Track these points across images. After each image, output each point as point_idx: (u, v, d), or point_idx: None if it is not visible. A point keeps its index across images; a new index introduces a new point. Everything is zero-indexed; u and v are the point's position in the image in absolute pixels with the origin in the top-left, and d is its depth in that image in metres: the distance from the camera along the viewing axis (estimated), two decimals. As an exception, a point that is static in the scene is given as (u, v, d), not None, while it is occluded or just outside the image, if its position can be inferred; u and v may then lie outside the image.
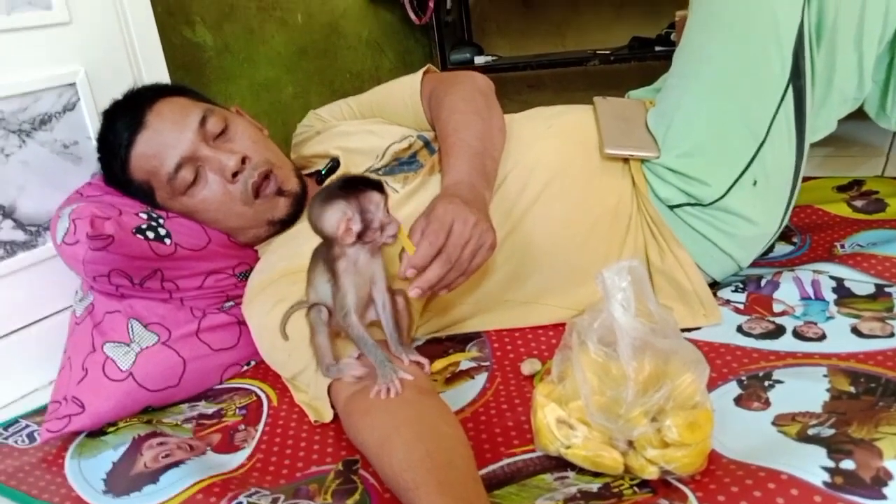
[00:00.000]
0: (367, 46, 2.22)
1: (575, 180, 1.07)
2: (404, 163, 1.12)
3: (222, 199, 1.08)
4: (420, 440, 0.75)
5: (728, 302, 1.07)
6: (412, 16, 2.25)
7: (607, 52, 2.09)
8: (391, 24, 2.29)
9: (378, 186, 0.83)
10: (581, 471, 0.79)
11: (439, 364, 1.04)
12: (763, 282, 1.09)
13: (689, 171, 1.04)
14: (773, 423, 0.81)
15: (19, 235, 1.14)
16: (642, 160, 1.08)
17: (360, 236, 0.82)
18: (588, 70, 2.23)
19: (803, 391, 0.85)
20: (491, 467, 0.82)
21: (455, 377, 1.01)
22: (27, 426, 1.04)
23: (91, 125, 1.18)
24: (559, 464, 0.80)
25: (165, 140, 1.05)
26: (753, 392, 0.87)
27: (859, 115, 1.18)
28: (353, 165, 1.16)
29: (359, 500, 0.80)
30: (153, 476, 0.87)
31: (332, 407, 0.91)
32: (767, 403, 0.85)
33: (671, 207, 1.06)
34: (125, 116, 1.07)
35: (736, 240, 1.06)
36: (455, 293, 1.06)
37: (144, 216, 1.04)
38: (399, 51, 2.34)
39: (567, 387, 0.81)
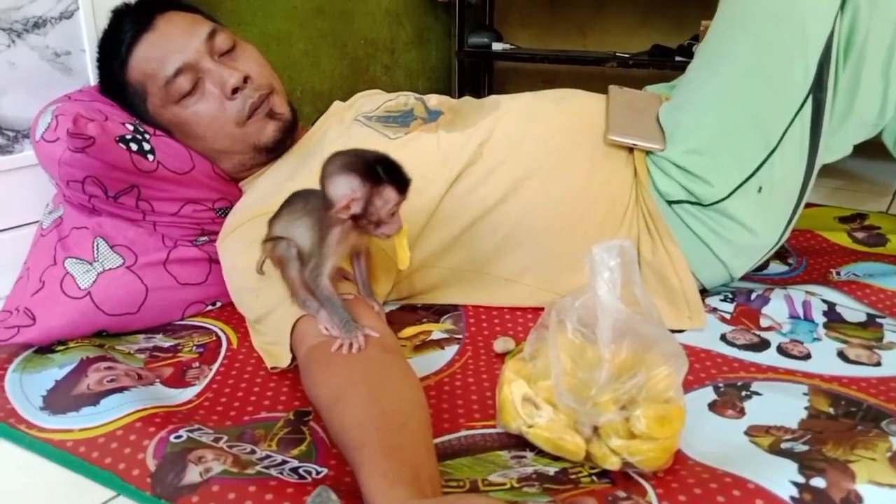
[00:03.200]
0: (385, 15, 2.18)
1: (577, 162, 1.04)
2: (398, 116, 1.09)
3: (215, 115, 1.05)
4: (375, 398, 0.71)
5: (715, 310, 1.04)
6: (435, -9, 2.21)
7: (627, 55, 2.06)
8: (413, -4, 2.25)
9: (402, 185, 0.78)
10: (540, 453, 0.75)
11: (410, 330, 1.00)
12: (753, 295, 1.06)
13: (693, 168, 1.01)
14: (746, 433, 0.78)
15: (-4, 138, 1.09)
16: (647, 151, 1.05)
17: (355, 218, 0.78)
18: (605, 71, 2.20)
19: (781, 405, 0.83)
20: (447, 437, 0.78)
21: (424, 345, 0.97)
22: (-27, 334, 0.99)
23: (87, 37, 1.14)
24: (518, 443, 0.77)
25: (171, 44, 1.03)
26: (729, 399, 0.84)
27: (872, 152, 1.15)
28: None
29: (304, 451, 0.76)
30: (94, 398, 0.83)
31: (292, 355, 0.87)
32: (742, 413, 0.82)
33: (670, 203, 1.02)
34: (134, 16, 1.06)
35: (731, 246, 1.03)
36: (434, 256, 1.03)
37: (131, 127, 1.00)
38: (418, 25, 2.30)
39: (538, 365, 0.78)
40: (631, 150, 1.06)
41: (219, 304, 1.09)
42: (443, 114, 1.10)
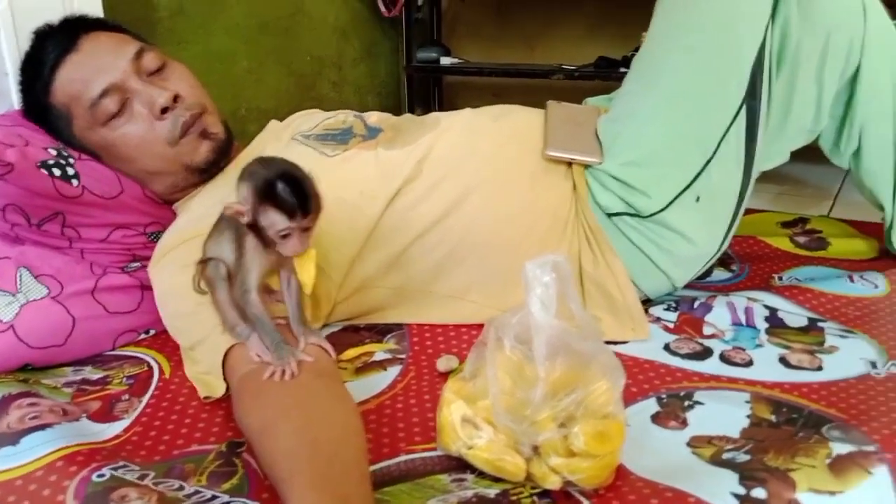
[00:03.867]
0: (332, 31, 2.16)
1: (518, 178, 1.03)
2: (337, 134, 1.07)
3: (144, 136, 1.01)
4: (307, 428, 0.69)
5: (658, 319, 1.04)
6: (381, 7, 2.20)
7: (573, 67, 2.07)
8: (359, 12, 2.23)
9: (289, 210, 0.72)
10: (481, 475, 0.73)
11: (352, 352, 0.98)
12: (696, 303, 1.06)
13: (631, 180, 1.00)
14: (688, 444, 0.77)
15: (-90, 166, 1.04)
16: (585, 165, 1.04)
17: (254, 229, 0.75)
18: (553, 84, 2.21)
19: (723, 415, 0.82)
20: (385, 462, 0.76)
21: (366, 367, 0.95)
22: None
23: (10, 60, 1.09)
24: (459, 465, 0.75)
25: (96, 65, 1.00)
26: (672, 411, 0.83)
27: (812, 157, 1.17)
28: None
29: (236, 484, 0.73)
30: (14, 438, 0.79)
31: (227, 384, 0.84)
32: (685, 423, 0.81)
33: (610, 216, 1.02)
34: (57, 37, 1.02)
35: (672, 257, 1.03)
36: (376, 275, 1.01)
37: (53, 152, 0.97)
38: (365, 41, 2.28)
39: (478, 384, 0.76)
40: (570, 164, 1.06)
41: (152, 333, 1.05)
42: (382, 131, 1.09)
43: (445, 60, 2.26)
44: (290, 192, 0.72)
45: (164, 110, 1.01)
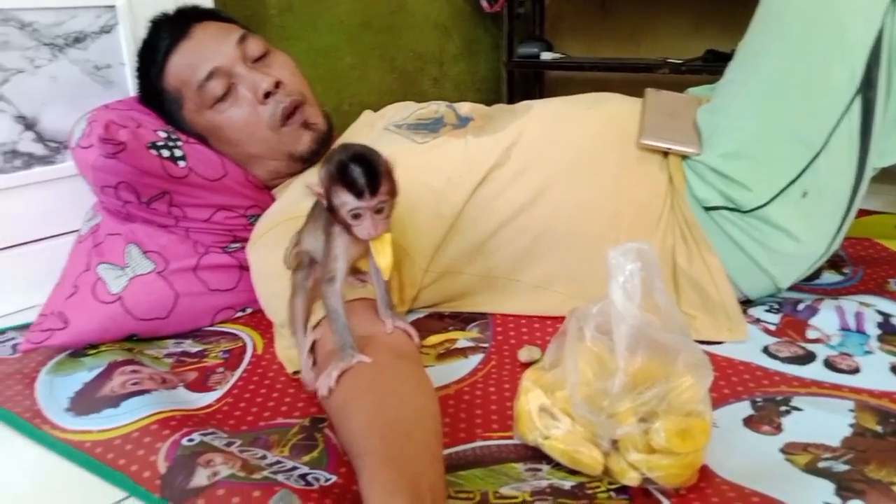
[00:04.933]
0: (434, 28, 2.18)
1: (604, 167, 1.00)
2: (429, 123, 1.08)
3: (248, 119, 1.06)
4: (382, 407, 0.69)
5: (758, 321, 0.99)
6: (483, 3, 2.20)
7: (679, 61, 2.00)
8: (461, 8, 2.24)
9: (357, 190, 0.71)
10: (557, 466, 0.72)
11: (435, 339, 0.99)
12: (801, 306, 1.00)
13: (731, 172, 0.96)
14: (782, 450, 0.73)
15: (39, 149, 1.13)
16: (683, 156, 1.00)
17: (332, 212, 0.74)
18: (659, 78, 2.13)
19: (823, 422, 0.77)
20: (461, 447, 0.76)
21: (448, 354, 0.95)
22: (13, 338, 1.03)
23: (126, 50, 1.17)
24: (535, 455, 0.74)
25: (204, 51, 1.06)
26: (766, 415, 0.79)
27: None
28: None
29: (315, 457, 0.75)
30: (116, 401, 0.84)
31: None
32: (779, 429, 0.76)
33: (707, 210, 0.98)
34: (171, 25, 1.09)
35: (774, 255, 0.97)
36: (461, 261, 1.01)
37: (163, 134, 1.03)
38: (466, 37, 2.29)
39: (556, 375, 0.75)
40: (665, 154, 1.02)
41: (248, 311, 1.10)
42: (473, 120, 1.09)
43: (546, 55, 2.23)
44: (360, 171, 0.71)
45: (267, 95, 1.05)
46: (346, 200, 0.72)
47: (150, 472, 0.71)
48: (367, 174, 0.71)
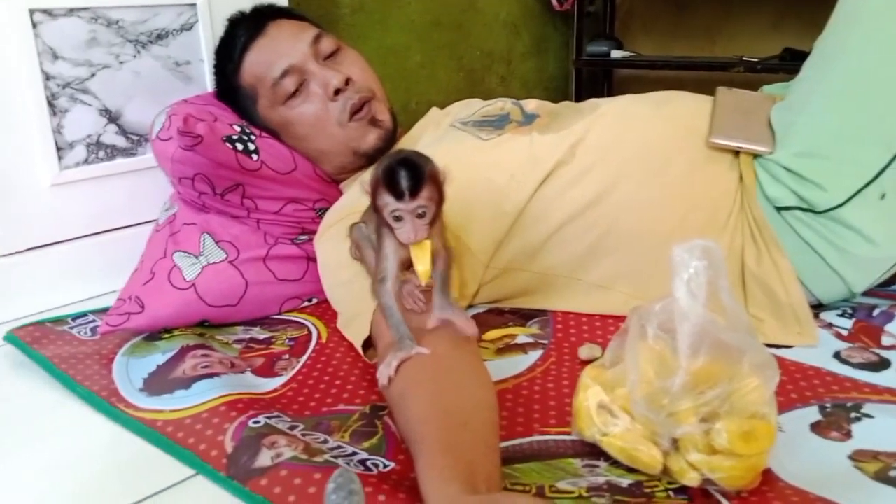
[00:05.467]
0: (503, 26, 2.18)
1: (673, 166, 0.99)
2: (494, 120, 1.08)
3: (318, 115, 1.09)
4: (441, 395, 0.70)
5: (830, 325, 0.96)
6: (553, 1, 2.19)
7: (755, 60, 1.94)
8: (530, 7, 2.24)
9: (398, 192, 0.71)
10: (615, 463, 0.71)
11: (494, 334, 0.99)
12: (876, 311, 0.97)
13: (805, 171, 0.93)
14: (850, 458, 0.71)
15: (121, 141, 1.19)
16: (754, 155, 0.98)
17: (378, 213, 0.75)
18: (734, 77, 2.08)
19: (895, 430, 0.74)
20: (518, 440, 0.76)
21: (507, 349, 0.95)
22: (93, 320, 1.08)
23: (205, 47, 1.22)
24: (592, 451, 0.73)
25: (279, 48, 1.09)
26: (835, 421, 0.76)
27: None
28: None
29: (375, 444, 0.76)
30: (187, 382, 0.87)
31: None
32: (848, 435, 0.74)
33: (779, 210, 0.95)
34: (247, 23, 1.13)
35: (848, 258, 0.94)
36: (523, 258, 1.01)
37: (238, 129, 1.06)
38: (535, 36, 2.28)
39: (616, 372, 0.74)
40: (737, 153, 1.00)
41: (314, 301, 1.13)
42: (539, 117, 1.09)
43: (616, 54, 2.20)
44: (403, 174, 0.71)
45: (337, 91, 1.07)
46: (387, 202, 0.73)
47: (218, 451, 0.74)
48: (409, 177, 0.72)
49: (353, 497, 0.46)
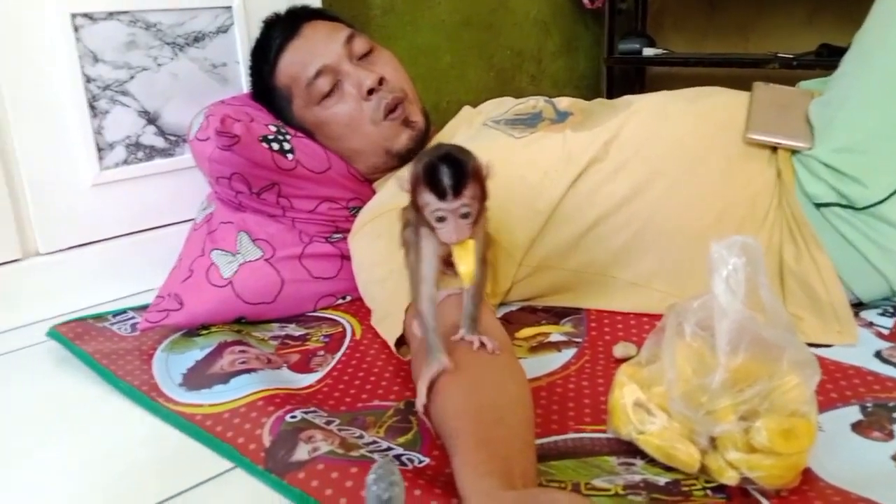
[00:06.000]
0: (533, 25, 2.17)
1: (710, 163, 0.98)
2: (527, 119, 1.08)
3: (352, 115, 1.11)
4: (476, 391, 0.70)
5: (871, 324, 0.94)
6: (584, -1, 2.18)
7: (790, 56, 1.91)
8: (561, 5, 2.23)
9: (440, 191, 0.67)
10: (651, 461, 0.71)
11: (527, 332, 0.99)
12: (919, 310, 0.95)
13: (845, 167, 0.91)
14: (893, 458, 0.69)
15: (159, 142, 1.21)
16: (792, 151, 0.96)
17: (418, 213, 0.71)
18: (769, 74, 2.05)
19: (940, 431, 0.72)
20: (553, 438, 0.76)
21: (541, 347, 0.95)
22: (133, 317, 1.10)
23: (241, 50, 1.24)
24: (629, 450, 0.73)
25: (313, 49, 1.10)
26: (877, 421, 0.75)
27: None
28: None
29: (410, 440, 0.77)
30: (225, 378, 0.89)
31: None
32: (891, 436, 0.73)
33: (818, 206, 0.94)
34: (282, 25, 1.15)
35: (890, 255, 0.92)
36: (556, 256, 1.01)
37: (273, 129, 1.08)
38: (566, 34, 2.28)
39: (653, 370, 0.74)
40: (774, 149, 0.98)
41: (349, 299, 1.14)
42: (572, 115, 1.09)
43: (648, 51, 2.19)
44: (445, 172, 0.67)
45: (371, 91, 1.08)
46: (428, 201, 0.68)
47: (256, 444, 0.75)
48: (452, 175, 0.67)
49: (393, 488, 0.46)
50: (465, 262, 0.71)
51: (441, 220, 0.69)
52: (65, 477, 0.76)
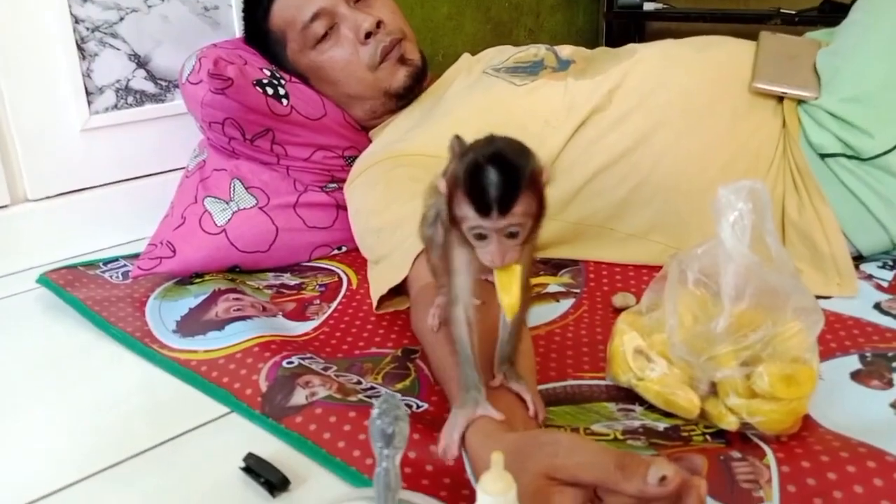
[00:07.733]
0: (532, -23, 2.13)
1: (715, 113, 0.96)
2: (528, 66, 1.06)
3: (349, 59, 1.08)
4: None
5: (870, 277, 0.94)
6: (585, -50, 2.13)
7: (792, 12, 1.88)
8: (561, -44, 2.18)
9: (482, 206, 0.51)
10: (650, 408, 0.71)
11: (527, 281, 0.98)
12: (919, 263, 0.94)
13: (851, 117, 0.90)
14: (892, 406, 0.69)
15: (150, 87, 1.18)
16: (798, 100, 0.95)
17: (453, 219, 0.55)
18: (770, 30, 2.02)
19: (939, 380, 0.72)
20: (551, 384, 0.75)
21: (538, 297, 0.94)
22: (124, 265, 1.08)
23: (233, -8, 1.20)
24: (627, 396, 0.73)
25: None
26: (876, 370, 0.75)
27: None
28: None
29: (408, 386, 0.76)
30: (220, 324, 0.88)
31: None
32: (890, 384, 0.73)
33: (823, 157, 0.92)
34: None
35: (893, 208, 0.91)
36: (555, 207, 0.99)
37: (268, 73, 1.05)
38: (565, -14, 2.23)
39: (654, 318, 0.73)
40: (780, 99, 0.97)
41: (344, 249, 1.12)
42: (574, 63, 1.06)
43: (649, 5, 2.14)
44: (493, 181, 0.50)
45: (368, 35, 1.06)
46: (467, 214, 0.52)
47: (252, 389, 0.75)
48: (501, 185, 0.51)
49: (398, 423, 0.45)
50: (509, 291, 0.55)
51: (481, 237, 0.53)
52: (57, 425, 0.75)
